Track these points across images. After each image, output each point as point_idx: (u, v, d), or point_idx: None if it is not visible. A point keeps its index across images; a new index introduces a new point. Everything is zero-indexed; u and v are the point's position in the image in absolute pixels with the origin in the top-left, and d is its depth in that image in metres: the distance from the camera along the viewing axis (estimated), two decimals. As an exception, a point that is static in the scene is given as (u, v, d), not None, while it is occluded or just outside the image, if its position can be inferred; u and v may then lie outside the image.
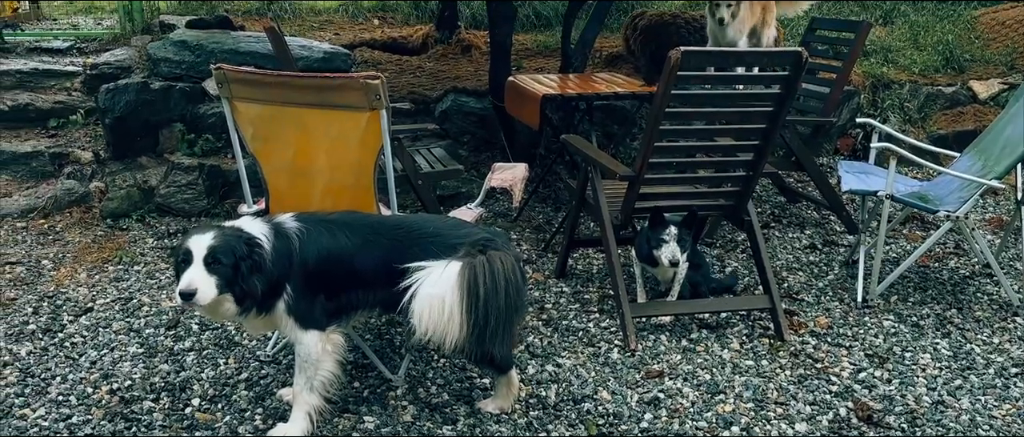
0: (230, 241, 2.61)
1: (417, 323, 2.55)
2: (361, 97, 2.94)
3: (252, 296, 2.64)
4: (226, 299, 2.63)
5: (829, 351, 3.51)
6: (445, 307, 2.53)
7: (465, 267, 2.57)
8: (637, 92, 4.70)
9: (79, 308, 3.86)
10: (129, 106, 5.29)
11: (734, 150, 3.60)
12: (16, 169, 5.39)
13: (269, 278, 2.66)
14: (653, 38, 6.31)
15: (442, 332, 2.55)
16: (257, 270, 2.62)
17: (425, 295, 2.55)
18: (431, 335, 2.56)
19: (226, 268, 2.57)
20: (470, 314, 2.54)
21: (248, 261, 2.60)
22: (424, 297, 2.55)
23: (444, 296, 2.53)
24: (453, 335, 2.56)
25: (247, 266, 2.60)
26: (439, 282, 2.56)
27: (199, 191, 5.15)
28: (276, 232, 2.73)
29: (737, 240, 4.78)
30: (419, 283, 2.58)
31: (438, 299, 2.54)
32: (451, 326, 2.54)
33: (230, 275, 2.58)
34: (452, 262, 2.59)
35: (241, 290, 2.61)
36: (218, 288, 2.57)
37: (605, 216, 3.66)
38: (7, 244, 4.66)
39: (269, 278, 2.66)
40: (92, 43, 7.16)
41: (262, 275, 2.63)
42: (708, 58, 3.54)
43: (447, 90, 5.96)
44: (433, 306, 2.54)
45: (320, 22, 7.70)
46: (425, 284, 2.57)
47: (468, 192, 5.51)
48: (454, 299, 2.53)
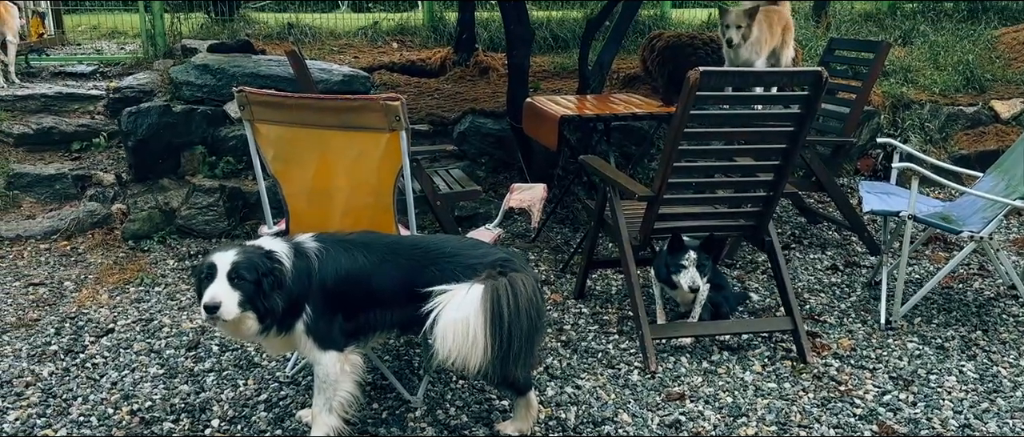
0: (253, 257, 2.63)
1: (441, 346, 2.53)
2: (381, 118, 2.96)
3: (273, 313, 2.65)
4: (248, 316, 2.64)
5: (853, 373, 3.47)
6: (469, 330, 2.51)
7: (488, 290, 2.55)
8: (655, 112, 4.69)
9: (101, 329, 3.88)
10: (151, 129, 5.36)
11: (754, 170, 3.58)
12: (40, 191, 5.46)
13: (289, 295, 2.67)
14: (671, 59, 6.33)
15: (466, 356, 2.52)
16: (278, 286, 2.63)
17: (449, 319, 2.53)
18: (454, 359, 2.53)
19: (249, 284, 2.59)
20: (494, 337, 2.52)
21: (270, 277, 2.62)
22: (448, 321, 2.53)
23: (468, 319, 2.51)
24: (477, 358, 2.53)
25: (269, 282, 2.61)
26: (463, 305, 2.54)
27: (219, 213, 5.18)
28: (296, 251, 2.74)
29: (757, 261, 4.74)
30: (442, 306, 2.56)
31: (462, 322, 2.51)
32: (475, 349, 2.52)
33: (252, 291, 2.59)
34: (475, 285, 2.57)
35: (263, 306, 2.62)
36: (240, 304, 2.59)
37: (624, 237, 3.65)
38: (31, 265, 4.71)
39: (289, 295, 2.67)
40: (115, 67, 7.29)
41: (282, 291, 2.64)
42: (727, 78, 3.53)
43: (465, 112, 5.99)
44: (457, 329, 2.51)
45: (339, 46, 7.77)
46: (449, 307, 2.55)
47: (486, 213, 5.52)
48: (478, 322, 2.51)
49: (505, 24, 5.64)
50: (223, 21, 7.99)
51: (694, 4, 9.84)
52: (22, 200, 5.43)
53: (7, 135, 5.86)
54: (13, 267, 4.68)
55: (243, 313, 2.61)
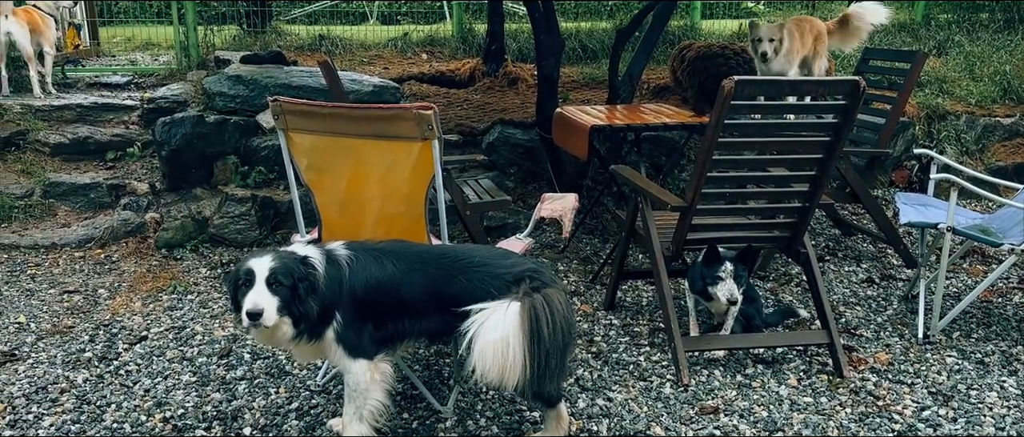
0: (289, 263, 2.64)
1: (479, 366, 2.50)
2: (414, 127, 2.96)
3: (308, 318, 2.66)
4: (284, 322, 2.65)
5: (891, 388, 3.40)
6: (509, 350, 2.48)
7: (526, 308, 2.53)
8: (686, 122, 4.65)
9: (134, 336, 3.92)
10: (185, 139, 5.42)
11: (789, 181, 3.53)
12: (75, 200, 5.54)
13: (322, 301, 2.68)
14: (701, 70, 6.28)
15: (505, 375, 2.50)
16: (313, 291, 2.64)
17: (489, 339, 2.49)
18: (493, 378, 2.50)
19: (286, 289, 2.60)
20: (533, 356, 2.50)
21: (306, 282, 2.63)
22: (487, 341, 2.49)
23: (508, 339, 2.48)
24: (515, 378, 2.50)
25: (305, 287, 2.62)
26: (501, 324, 2.50)
27: (251, 222, 5.22)
28: (328, 258, 2.75)
29: (791, 273, 4.68)
30: (479, 324, 2.53)
31: (502, 342, 2.48)
32: (514, 369, 2.49)
33: (289, 296, 2.61)
34: (512, 302, 2.55)
35: (299, 312, 2.64)
36: (279, 310, 2.60)
37: (656, 247, 3.61)
38: (66, 273, 4.77)
39: (322, 301, 2.68)
40: (149, 78, 7.38)
41: (317, 297, 2.65)
42: (762, 87, 3.49)
43: (494, 122, 6.00)
44: (497, 349, 2.48)
45: (370, 57, 7.82)
46: (487, 326, 2.52)
47: (515, 223, 5.51)
48: (517, 342, 2.49)
49: (535, 34, 5.64)
50: (255, 33, 8.08)
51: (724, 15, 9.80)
52: (57, 208, 5.51)
53: (43, 144, 5.96)
54: (49, 275, 4.74)
55: (281, 318, 2.62)
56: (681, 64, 6.46)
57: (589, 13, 9.87)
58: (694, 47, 6.48)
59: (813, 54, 5.68)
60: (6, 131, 6.00)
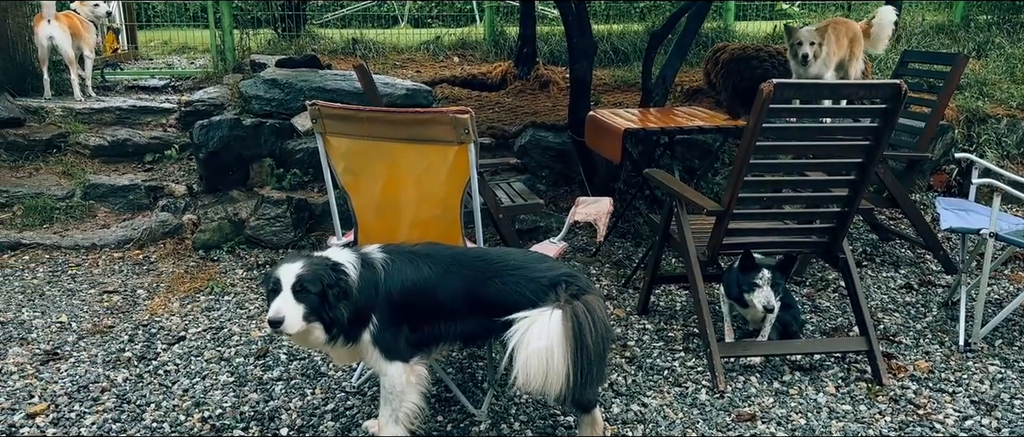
0: (317, 269, 2.64)
1: (523, 375, 2.48)
2: (450, 131, 2.97)
3: (339, 323, 2.67)
4: (315, 327, 2.66)
5: (931, 397, 3.34)
6: (553, 359, 2.46)
7: (568, 316, 2.51)
8: (721, 126, 4.62)
9: (172, 336, 3.97)
10: (222, 141, 5.49)
11: (828, 185, 3.49)
12: (114, 202, 5.63)
13: (355, 306, 2.69)
14: (735, 72, 6.23)
15: (549, 384, 2.48)
16: (343, 297, 2.64)
17: (533, 348, 2.47)
18: (536, 387, 2.49)
19: (313, 296, 2.61)
20: (576, 365, 2.49)
21: (335, 289, 2.63)
22: (533, 351, 2.47)
23: (552, 348, 2.47)
24: (558, 386, 2.49)
25: (334, 294, 2.63)
26: (545, 333, 2.48)
27: (287, 224, 5.27)
28: (363, 261, 2.76)
29: (828, 279, 4.62)
30: (523, 333, 2.51)
31: (546, 351, 2.46)
32: (557, 378, 2.47)
33: (317, 303, 2.62)
34: (554, 310, 2.53)
35: (329, 317, 2.64)
36: (305, 317, 2.61)
37: (691, 252, 3.59)
38: (105, 273, 4.85)
39: (355, 306, 2.69)
40: (186, 81, 7.49)
41: (348, 302, 2.66)
42: (801, 91, 3.45)
43: (526, 125, 6.00)
44: (541, 358, 2.46)
45: (402, 60, 7.87)
46: (531, 336, 2.49)
47: (547, 226, 5.51)
48: (561, 351, 2.47)
49: (568, 37, 5.63)
50: (289, 37, 8.16)
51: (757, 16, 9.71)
52: (97, 210, 5.61)
53: (84, 147, 6.07)
54: (89, 275, 4.83)
55: (309, 324, 2.63)
56: (715, 67, 6.41)
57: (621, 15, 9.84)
58: (728, 49, 6.43)
59: (849, 57, 5.61)
60: (48, 134, 6.12)
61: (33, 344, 3.89)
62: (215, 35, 7.58)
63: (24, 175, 5.84)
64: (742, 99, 6.23)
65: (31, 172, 5.89)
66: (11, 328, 4.07)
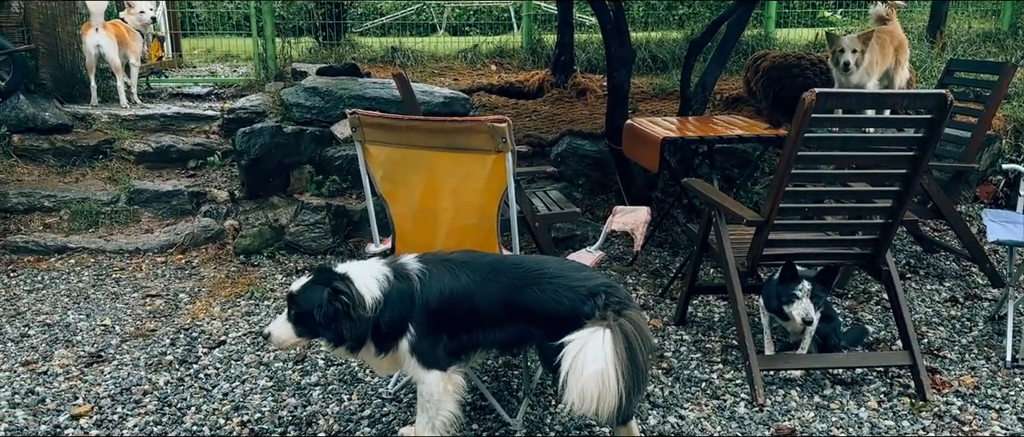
0: (312, 291, 2.71)
1: (579, 401, 2.45)
2: (488, 140, 2.98)
3: (340, 339, 2.71)
4: (320, 341, 2.77)
5: (977, 413, 3.26)
6: (610, 382, 2.44)
7: (619, 337, 2.49)
8: (762, 135, 4.56)
9: (213, 341, 4.03)
10: (263, 148, 5.57)
11: (871, 196, 3.43)
12: (158, 207, 5.74)
13: (389, 318, 2.70)
14: (776, 80, 6.17)
15: (603, 407, 2.45)
16: (336, 318, 2.66)
17: (590, 372, 2.43)
18: (590, 410, 2.46)
19: (306, 315, 2.70)
20: (628, 385, 2.47)
21: (325, 309, 2.66)
22: (590, 375, 2.43)
23: (608, 371, 2.44)
24: (611, 407, 2.46)
25: (323, 314, 2.66)
26: (601, 356, 2.45)
27: (325, 230, 5.33)
28: (397, 274, 2.78)
29: (870, 291, 4.54)
30: (576, 355, 2.47)
31: (603, 375, 2.43)
32: (612, 398, 2.45)
33: (309, 323, 2.70)
34: (604, 331, 2.50)
35: (332, 334, 2.70)
36: (299, 334, 2.75)
37: (730, 263, 3.55)
38: (148, 277, 4.94)
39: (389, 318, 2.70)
40: (228, 89, 7.62)
41: (350, 322, 2.67)
42: (844, 100, 3.40)
43: (563, 133, 5.99)
44: (598, 382, 2.43)
45: (440, 68, 7.92)
46: (586, 359, 2.45)
47: (583, 235, 5.49)
48: (615, 373, 2.45)
49: (606, 45, 5.61)
50: (330, 45, 8.26)
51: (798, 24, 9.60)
52: (141, 215, 5.72)
53: (129, 153, 6.20)
54: (132, 279, 4.92)
55: (306, 340, 2.77)
56: (755, 75, 6.35)
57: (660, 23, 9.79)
58: (769, 57, 6.36)
59: (895, 65, 5.52)
60: (94, 140, 6.26)
61: (78, 346, 3.98)
62: (257, 43, 7.71)
63: (71, 180, 5.98)
64: (783, 108, 6.16)
65: (78, 177, 6.03)
66: (57, 330, 4.16)
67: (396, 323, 2.75)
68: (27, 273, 4.98)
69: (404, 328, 2.76)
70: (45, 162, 6.13)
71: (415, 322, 2.76)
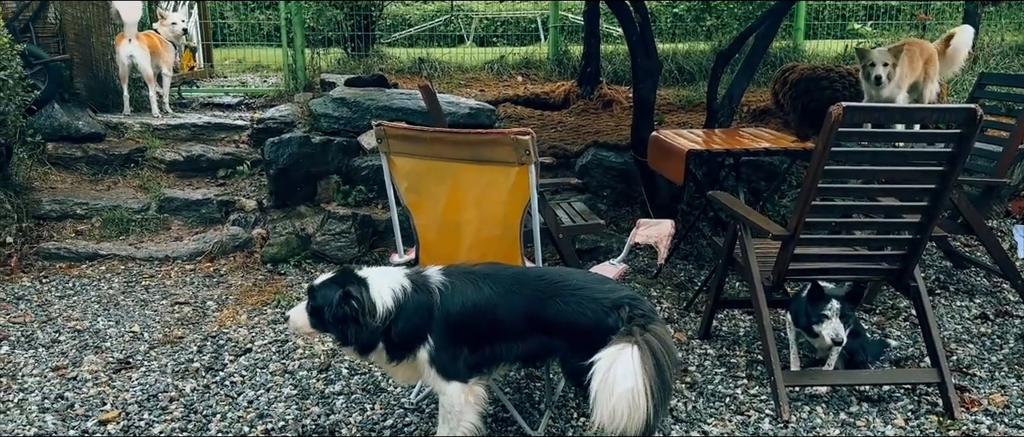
0: (328, 289, 2.77)
1: (610, 420, 2.43)
2: (511, 152, 2.98)
3: (345, 340, 2.77)
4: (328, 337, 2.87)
5: (1006, 433, 3.20)
6: (640, 400, 2.43)
7: (647, 353, 2.48)
8: (789, 148, 4.53)
9: (239, 348, 4.07)
10: (292, 158, 5.63)
11: (900, 211, 3.39)
12: (188, 215, 5.82)
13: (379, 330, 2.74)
14: (804, 93, 6.13)
15: (632, 425, 2.44)
16: (343, 320, 2.71)
17: (621, 392, 2.41)
18: (620, 428, 2.44)
19: (319, 310, 2.77)
20: (656, 402, 2.46)
21: (333, 310, 2.72)
22: (621, 394, 2.41)
23: (638, 389, 2.43)
24: (640, 426, 2.45)
25: (331, 314, 2.72)
26: (632, 374, 2.44)
27: (351, 239, 5.37)
28: (416, 286, 2.80)
29: (899, 306, 4.48)
30: (605, 373, 2.46)
31: (634, 393, 2.42)
32: (642, 418, 2.44)
33: (322, 317, 2.77)
34: (632, 348, 2.48)
35: (338, 333, 2.76)
36: (312, 325, 2.81)
37: (756, 277, 3.52)
38: (177, 285, 5.00)
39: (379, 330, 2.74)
40: (258, 99, 7.71)
41: (357, 327, 2.72)
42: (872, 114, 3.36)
43: (588, 144, 5.99)
44: (629, 401, 2.42)
45: (466, 79, 7.95)
46: (617, 378, 2.43)
47: (607, 246, 5.48)
48: (645, 391, 2.44)
49: (632, 56, 5.61)
50: (359, 57, 8.34)
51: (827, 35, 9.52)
52: (171, 222, 5.80)
53: (160, 162, 6.29)
54: (161, 286, 4.99)
55: (316, 331, 2.83)
56: (783, 87, 6.32)
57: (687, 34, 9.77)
58: (797, 69, 6.33)
59: (924, 78, 5.46)
60: (126, 148, 6.36)
61: (107, 352, 4.04)
62: (288, 55, 7.79)
63: (103, 188, 6.08)
64: (811, 120, 6.12)
65: (109, 185, 6.13)
66: (87, 336, 4.23)
67: (410, 334, 2.77)
68: (59, 279, 5.07)
69: (420, 339, 2.78)
70: (78, 170, 6.24)
71: (434, 334, 2.78)
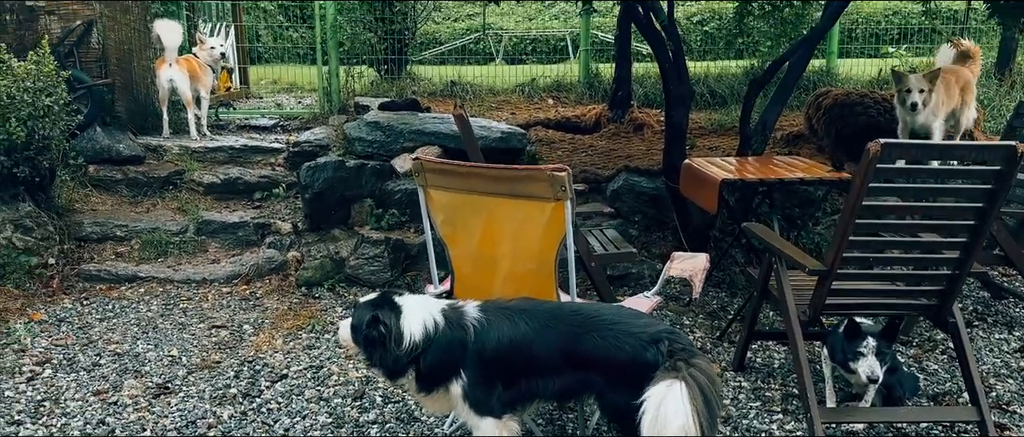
0: (363, 311, 2.88)
1: None
2: (547, 188, 3.01)
3: (371, 362, 2.88)
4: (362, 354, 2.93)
5: (1051, 475, 3.15)
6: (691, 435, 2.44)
7: (694, 389, 2.48)
8: (825, 178, 4.51)
9: (275, 374, 4.13)
10: (327, 182, 5.71)
11: (939, 247, 3.36)
12: (224, 238, 5.91)
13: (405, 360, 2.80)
14: (838, 118, 6.09)
15: None
16: (371, 344, 2.82)
17: (675, 428, 2.42)
18: None
19: (355, 328, 2.89)
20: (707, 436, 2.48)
21: (363, 332, 2.83)
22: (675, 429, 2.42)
23: (689, 425, 2.43)
24: None
25: (361, 336, 2.84)
26: (682, 411, 2.44)
27: (384, 263, 5.42)
28: (450, 321, 2.84)
29: (936, 339, 4.42)
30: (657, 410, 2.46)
31: (684, 429, 2.42)
32: None
33: (356, 336, 2.88)
34: (681, 384, 2.49)
35: (367, 355, 2.88)
36: (354, 340, 2.91)
37: (792, 311, 3.50)
38: (214, 308, 5.08)
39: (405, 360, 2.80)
40: (293, 121, 7.83)
41: (384, 351, 2.81)
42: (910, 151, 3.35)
43: (619, 169, 5.99)
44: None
45: (497, 102, 8.01)
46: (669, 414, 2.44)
47: (638, 272, 5.47)
48: (696, 428, 2.44)
49: (664, 83, 5.63)
50: (391, 79, 8.43)
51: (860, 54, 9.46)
52: (209, 245, 5.89)
53: (198, 184, 6.41)
54: (199, 309, 5.07)
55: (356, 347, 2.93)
56: (817, 112, 6.28)
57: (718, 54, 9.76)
58: (831, 94, 6.29)
59: (961, 105, 5.42)
60: (165, 171, 6.49)
61: (146, 377, 4.11)
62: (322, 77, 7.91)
63: (142, 210, 6.20)
64: (845, 146, 6.08)
65: (148, 207, 6.25)
66: (127, 360, 4.31)
67: (440, 368, 2.82)
68: (99, 301, 5.18)
69: (453, 374, 2.82)
70: (118, 192, 6.37)
71: (468, 369, 2.81)
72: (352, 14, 8.42)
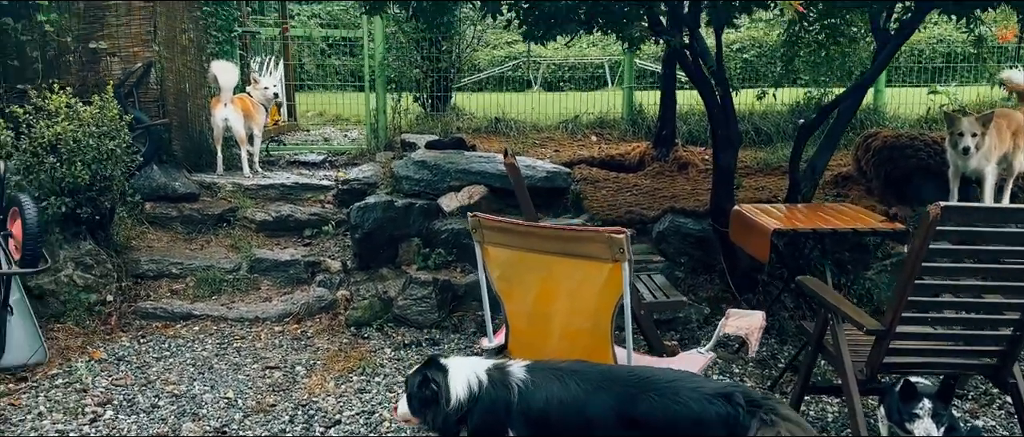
0: (414, 377, 3.01)
1: None
2: (605, 250, 3.04)
3: (425, 423, 2.96)
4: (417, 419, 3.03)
5: None
6: None
7: None
8: (878, 229, 4.47)
9: (329, 420, 4.19)
10: (376, 222, 5.82)
11: (1000, 307, 3.32)
12: (276, 276, 6.02)
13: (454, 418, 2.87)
14: (888, 160, 6.06)
15: None
16: (425, 404, 2.94)
17: None
18: None
19: (410, 397, 3.01)
20: None
21: (416, 394, 2.96)
22: None
23: None
24: None
25: (415, 399, 2.96)
26: None
27: (432, 304, 5.48)
28: (494, 381, 2.90)
29: (992, 393, 4.34)
30: None
31: None
32: None
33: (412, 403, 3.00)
34: None
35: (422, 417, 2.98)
36: (412, 411, 3.02)
37: (848, 369, 3.47)
38: (267, 348, 5.18)
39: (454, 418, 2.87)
40: (341, 156, 7.97)
41: (436, 409, 2.90)
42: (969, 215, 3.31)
43: (665, 210, 5.99)
44: None
45: (541, 139, 8.08)
46: None
47: (685, 316, 5.46)
48: None
49: (711, 126, 5.64)
50: (435, 115, 8.55)
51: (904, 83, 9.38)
52: (261, 282, 6.01)
53: (250, 221, 6.54)
54: (252, 348, 5.17)
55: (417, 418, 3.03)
56: (866, 153, 6.25)
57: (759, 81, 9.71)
58: (880, 136, 6.26)
59: (1013, 149, 5.35)
60: (219, 208, 6.65)
61: (204, 420, 4.20)
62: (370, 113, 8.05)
63: (197, 247, 6.35)
64: (895, 188, 6.03)
65: (202, 244, 6.40)
66: (184, 402, 4.40)
67: (485, 428, 2.86)
68: (155, 339, 5.30)
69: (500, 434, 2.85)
70: (173, 229, 6.53)
71: (515, 429, 2.84)
72: (400, 51, 8.58)
